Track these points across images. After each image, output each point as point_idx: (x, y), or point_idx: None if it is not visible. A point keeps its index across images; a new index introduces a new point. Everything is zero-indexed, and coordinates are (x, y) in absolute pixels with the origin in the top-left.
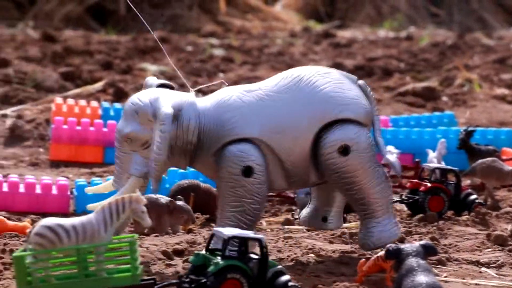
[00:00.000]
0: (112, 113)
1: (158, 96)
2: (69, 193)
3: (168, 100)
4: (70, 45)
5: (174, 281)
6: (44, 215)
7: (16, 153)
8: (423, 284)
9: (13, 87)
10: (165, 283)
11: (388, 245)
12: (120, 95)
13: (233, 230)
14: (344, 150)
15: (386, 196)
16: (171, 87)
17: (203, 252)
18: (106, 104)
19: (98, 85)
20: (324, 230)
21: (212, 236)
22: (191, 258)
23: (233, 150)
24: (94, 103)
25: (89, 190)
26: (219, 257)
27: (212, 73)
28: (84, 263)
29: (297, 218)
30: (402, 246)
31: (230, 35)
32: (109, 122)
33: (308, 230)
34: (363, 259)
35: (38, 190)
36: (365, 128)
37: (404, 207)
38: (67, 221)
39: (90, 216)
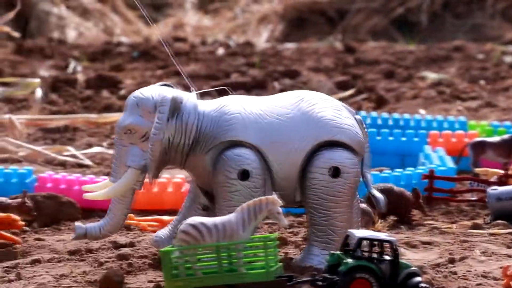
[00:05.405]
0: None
1: (159, 91)
2: None
3: (169, 92)
4: (360, 56)
5: (308, 278)
6: None
7: None
8: None
9: None
10: (299, 280)
11: None
12: (381, 103)
13: (365, 232)
14: (335, 172)
15: (343, 233)
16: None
17: (338, 252)
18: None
19: (348, 93)
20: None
21: (347, 236)
22: (327, 257)
23: (229, 154)
24: None
25: (86, 188)
26: (350, 257)
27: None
28: (226, 260)
29: (488, 223)
30: None
31: None
32: None
33: (491, 235)
34: (507, 264)
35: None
36: (357, 158)
37: None
38: (210, 220)
39: (231, 216)
